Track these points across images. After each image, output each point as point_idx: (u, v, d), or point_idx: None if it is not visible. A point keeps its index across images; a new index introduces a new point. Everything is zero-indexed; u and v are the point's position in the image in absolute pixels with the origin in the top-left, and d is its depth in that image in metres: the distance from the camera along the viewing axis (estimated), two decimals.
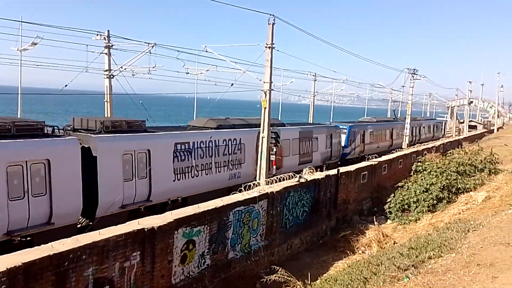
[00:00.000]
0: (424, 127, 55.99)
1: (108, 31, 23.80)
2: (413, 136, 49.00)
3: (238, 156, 21.98)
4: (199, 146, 19.08)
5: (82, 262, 9.38)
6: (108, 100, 25.01)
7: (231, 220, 14.09)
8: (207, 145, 19.61)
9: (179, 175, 17.90)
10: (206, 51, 23.45)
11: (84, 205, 13.90)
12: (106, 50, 23.91)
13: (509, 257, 8.60)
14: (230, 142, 21.46)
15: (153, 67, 25.27)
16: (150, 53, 24.05)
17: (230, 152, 21.37)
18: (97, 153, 14.30)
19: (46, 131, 13.84)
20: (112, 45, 24.06)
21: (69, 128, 15.68)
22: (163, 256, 11.52)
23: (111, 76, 24.49)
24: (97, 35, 23.37)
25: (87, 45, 23.10)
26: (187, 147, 18.37)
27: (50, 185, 12.80)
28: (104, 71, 24.37)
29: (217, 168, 20.26)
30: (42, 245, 9.29)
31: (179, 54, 25.18)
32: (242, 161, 22.26)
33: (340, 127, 33.73)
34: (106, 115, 25.17)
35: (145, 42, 24.14)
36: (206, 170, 19.57)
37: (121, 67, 24.76)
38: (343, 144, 33.09)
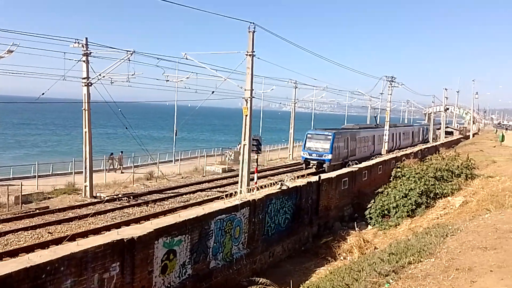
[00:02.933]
0: (411, 132, 60.92)
1: (86, 38, 23.54)
2: (397, 141, 53.30)
3: (371, 143, 44.69)
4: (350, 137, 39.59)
5: (60, 274, 9.16)
6: (86, 109, 24.68)
7: (212, 229, 13.98)
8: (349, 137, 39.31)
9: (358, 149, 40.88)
10: (186, 59, 23.40)
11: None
12: (84, 58, 23.62)
13: (487, 261, 8.74)
14: (368, 135, 44.49)
15: (132, 75, 25.04)
16: (129, 60, 23.86)
17: (368, 141, 44.13)
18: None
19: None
20: (90, 52, 23.79)
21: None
22: (143, 267, 11.34)
23: (89, 84, 24.18)
24: (75, 42, 23.08)
25: (64, 52, 22.77)
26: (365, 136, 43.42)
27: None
28: (82, 79, 24.05)
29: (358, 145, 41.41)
30: (18, 257, 9.04)
31: (159, 62, 25.06)
32: (373, 145, 44.96)
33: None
34: (84, 124, 24.84)
35: (124, 50, 23.93)
36: (363, 148, 42.57)
37: (100, 75, 24.46)
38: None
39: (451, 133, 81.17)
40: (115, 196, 24.67)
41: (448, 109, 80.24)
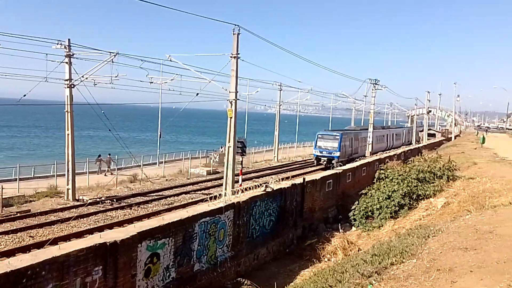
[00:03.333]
0: (402, 133, 67.87)
1: (69, 40, 23.29)
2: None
3: (361, 141, 47.53)
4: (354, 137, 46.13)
5: (41, 278, 9.02)
6: (69, 111, 24.38)
7: (196, 232, 13.93)
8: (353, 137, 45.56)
9: (360, 147, 46.61)
10: (171, 61, 23.31)
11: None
12: (66, 59, 23.35)
13: (467, 261, 8.89)
14: (358, 134, 47.68)
15: (116, 77, 24.82)
16: (113, 62, 23.63)
17: (360, 139, 47.40)
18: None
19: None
20: (73, 54, 23.54)
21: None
22: (126, 270, 11.24)
23: (72, 86, 23.91)
24: (58, 44, 22.80)
25: (46, 54, 22.48)
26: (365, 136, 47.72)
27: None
28: (65, 80, 23.76)
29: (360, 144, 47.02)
30: None
31: (143, 63, 24.89)
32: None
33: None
34: (66, 126, 24.55)
35: (107, 51, 23.72)
36: (364, 146, 46.84)
37: (82, 77, 24.21)
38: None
39: (433, 135, 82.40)
40: (98, 199, 24.41)
41: (430, 111, 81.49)
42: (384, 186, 23.78)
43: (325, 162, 40.72)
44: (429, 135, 77.78)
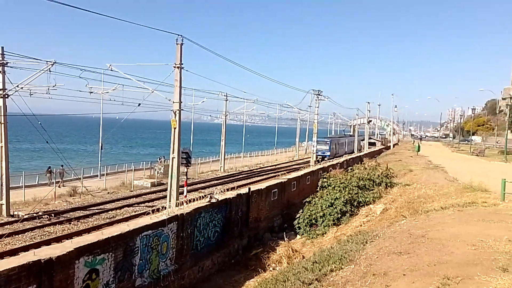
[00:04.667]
0: (353, 141, 78.23)
1: (2, 47, 22.16)
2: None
3: (347, 145, 70.38)
4: (344, 142, 70.25)
5: None
6: (2, 122, 23.11)
7: (138, 246, 13.58)
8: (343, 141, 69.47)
9: (340, 149, 66.21)
10: (111, 70, 22.71)
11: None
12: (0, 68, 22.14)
13: (401, 265, 9.31)
14: (346, 141, 71.15)
15: (53, 86, 23.81)
16: (50, 71, 22.67)
17: (346, 144, 70.21)
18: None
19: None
20: (7, 62, 22.38)
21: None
22: None
23: (6, 96, 22.71)
24: None
25: None
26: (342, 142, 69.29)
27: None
28: None
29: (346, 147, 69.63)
30: None
31: (82, 73, 24.02)
32: (349, 146, 71.68)
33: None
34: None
35: (44, 60, 22.74)
36: (341, 148, 66.92)
37: (17, 86, 23.02)
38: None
39: (374, 144, 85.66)
40: (35, 214, 23.17)
41: (371, 121, 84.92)
42: (327, 194, 24.42)
43: (320, 159, 54.66)
44: (370, 144, 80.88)
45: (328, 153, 58.90)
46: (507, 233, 10.67)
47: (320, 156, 57.32)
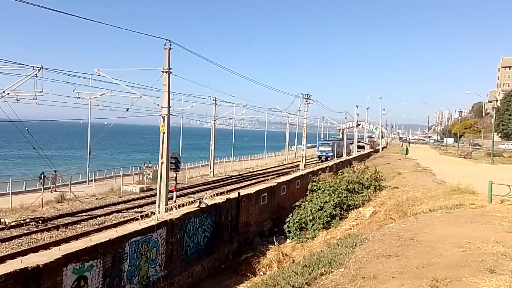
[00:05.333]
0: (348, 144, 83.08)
1: None
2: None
3: (346, 147, 74.55)
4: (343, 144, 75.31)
5: None
6: None
7: (127, 252, 13.47)
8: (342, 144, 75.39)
9: (340, 151, 73.07)
10: (99, 75, 22.56)
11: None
12: None
13: (390, 268, 9.35)
14: (340, 143, 75.79)
15: (40, 92, 23.57)
16: (37, 76, 22.44)
17: (345, 145, 74.60)
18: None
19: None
20: None
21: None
22: None
23: None
24: None
25: None
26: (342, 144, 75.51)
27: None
28: None
29: (345, 148, 74.30)
30: None
31: (69, 78, 23.84)
32: (347, 148, 75.16)
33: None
34: None
35: (31, 66, 22.51)
36: (341, 150, 73.69)
37: (3, 92, 22.74)
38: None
39: (363, 147, 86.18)
40: (22, 221, 22.82)
41: (359, 124, 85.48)
42: (317, 198, 24.48)
43: (324, 158, 64.94)
44: (359, 147, 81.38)
45: (331, 154, 67.20)
46: (494, 235, 10.79)
47: (324, 156, 67.37)
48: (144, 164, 39.39)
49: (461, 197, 17.68)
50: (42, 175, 33.17)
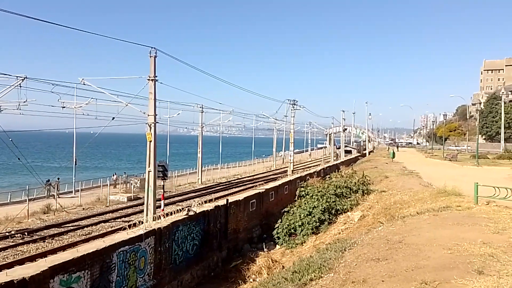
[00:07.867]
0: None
1: None
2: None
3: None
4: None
5: None
6: None
7: (115, 262, 13.30)
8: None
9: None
10: (84, 84, 22.37)
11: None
12: None
13: (379, 272, 9.38)
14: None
15: (24, 102, 23.28)
16: (20, 86, 22.16)
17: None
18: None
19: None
20: None
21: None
22: None
23: None
24: None
25: None
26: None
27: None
28: None
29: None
30: None
31: (54, 88, 23.58)
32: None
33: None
34: None
35: (14, 75, 22.23)
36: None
37: None
38: None
39: (350, 152, 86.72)
40: (7, 233, 22.42)
41: (346, 129, 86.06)
42: (305, 203, 24.51)
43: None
44: (346, 151, 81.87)
45: None
46: (481, 236, 10.90)
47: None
48: (114, 175, 39.55)
49: (447, 200, 17.85)
50: (48, 183, 33.11)
